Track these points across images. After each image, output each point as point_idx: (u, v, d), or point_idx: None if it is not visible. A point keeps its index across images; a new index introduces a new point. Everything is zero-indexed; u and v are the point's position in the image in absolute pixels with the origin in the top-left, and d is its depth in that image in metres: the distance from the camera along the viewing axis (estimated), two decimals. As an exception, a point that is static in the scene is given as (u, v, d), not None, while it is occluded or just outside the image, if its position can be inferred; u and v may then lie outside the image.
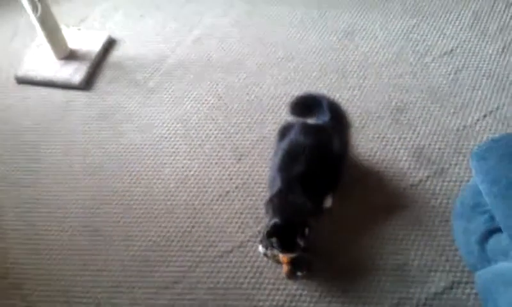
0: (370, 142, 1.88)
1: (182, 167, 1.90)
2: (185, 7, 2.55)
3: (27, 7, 2.09)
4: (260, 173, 1.84)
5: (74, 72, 2.24)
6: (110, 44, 2.40)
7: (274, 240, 1.46)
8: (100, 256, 1.68)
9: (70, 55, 2.31)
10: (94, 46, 2.34)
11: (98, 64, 2.31)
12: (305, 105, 1.87)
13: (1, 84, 2.29)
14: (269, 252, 1.60)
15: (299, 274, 1.56)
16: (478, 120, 1.90)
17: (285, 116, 1.96)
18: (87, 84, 2.23)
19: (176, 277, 1.62)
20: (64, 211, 1.81)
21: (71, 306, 1.59)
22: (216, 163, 1.89)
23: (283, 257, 1.54)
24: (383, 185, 1.76)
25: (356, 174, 1.79)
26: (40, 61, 2.30)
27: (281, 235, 1.47)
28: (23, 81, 2.27)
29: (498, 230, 1.34)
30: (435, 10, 2.34)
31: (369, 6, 2.41)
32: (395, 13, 2.36)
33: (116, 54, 2.37)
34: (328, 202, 1.69)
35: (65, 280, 1.64)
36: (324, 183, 1.65)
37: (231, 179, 1.84)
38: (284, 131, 1.77)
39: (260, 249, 1.63)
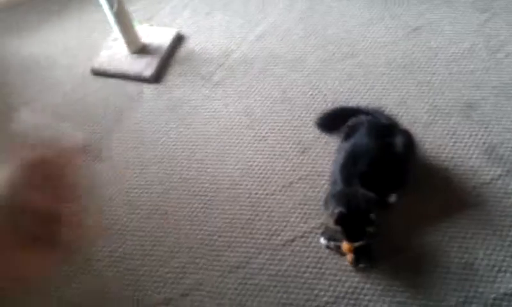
0: (439, 139, 1.84)
1: (246, 158, 1.94)
2: (250, 4, 2.61)
3: (104, 4, 2.23)
4: (323, 165, 1.85)
5: (146, 66, 2.35)
6: (179, 39, 2.50)
7: (339, 228, 1.47)
8: (169, 238, 1.76)
9: (142, 50, 2.43)
10: (164, 41, 2.45)
11: (167, 58, 2.41)
12: (335, 119, 1.90)
13: (79, 75, 2.44)
14: (331, 243, 1.61)
15: (361, 265, 1.56)
16: (555, 119, 1.81)
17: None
18: (157, 77, 2.34)
19: (240, 263, 1.66)
20: (135, 195, 1.91)
21: (140, 283, 1.67)
22: (280, 155, 1.92)
23: (346, 246, 1.55)
24: (453, 183, 1.72)
25: (424, 171, 1.76)
26: (115, 54, 2.44)
27: (347, 223, 1.47)
28: (98, 73, 2.41)
29: None
30: (507, 4, 2.25)
31: (436, 2, 2.35)
32: (464, 8, 2.29)
33: (184, 49, 2.46)
34: (392, 198, 1.68)
35: (136, 259, 1.73)
36: (387, 183, 1.65)
37: (294, 170, 1.86)
38: (349, 131, 1.78)
39: (322, 240, 1.64)
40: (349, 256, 1.56)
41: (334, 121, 1.92)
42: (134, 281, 1.68)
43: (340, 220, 1.47)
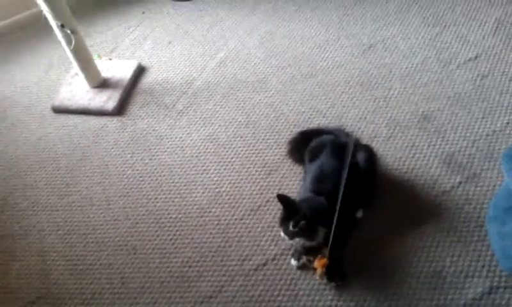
0: (399, 151, 1.89)
1: (213, 185, 1.94)
2: (210, 32, 2.65)
3: (62, 40, 2.21)
4: (289, 186, 1.86)
5: (107, 99, 2.33)
6: (140, 71, 2.50)
7: (303, 223, 1.50)
8: (139, 274, 1.73)
9: (103, 84, 2.42)
10: (125, 74, 2.45)
11: (129, 90, 2.41)
12: (303, 144, 1.91)
13: (39, 113, 2.40)
14: (304, 257, 1.63)
15: (337, 283, 1.57)
16: (508, 124, 1.88)
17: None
18: (119, 109, 2.32)
19: (212, 292, 1.64)
20: (101, 231, 1.87)
21: (111, 323, 1.63)
22: (246, 179, 1.93)
23: (317, 262, 1.57)
24: (415, 194, 1.76)
25: (387, 184, 1.80)
26: (75, 90, 2.41)
27: (286, 204, 1.55)
28: (59, 110, 2.38)
29: (535, 232, 1.33)
30: (456, 18, 2.36)
31: (389, 20, 2.45)
32: (416, 24, 2.38)
33: (146, 80, 2.46)
34: (360, 213, 1.71)
35: (106, 298, 1.68)
36: (354, 199, 1.68)
37: (261, 193, 1.87)
38: (313, 152, 1.80)
39: (293, 262, 1.65)
40: (319, 270, 1.57)
41: (303, 146, 1.91)
42: (105, 321, 1.64)
43: (279, 198, 1.55)
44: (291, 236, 1.54)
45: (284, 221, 1.55)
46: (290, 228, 1.52)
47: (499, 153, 1.79)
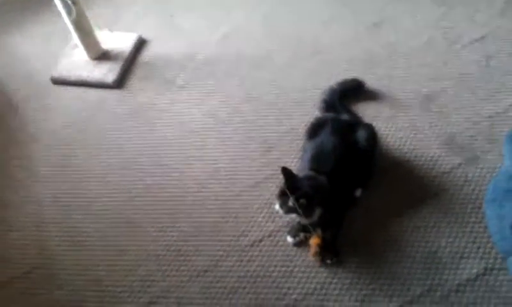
0: (400, 131, 1.87)
1: (212, 160, 1.93)
2: (213, 6, 2.61)
3: (62, 11, 2.18)
4: (289, 163, 1.84)
5: (107, 72, 2.31)
6: (141, 44, 2.47)
7: (303, 201, 1.49)
8: (135, 247, 1.73)
9: (103, 56, 2.39)
10: (126, 46, 2.42)
11: (130, 63, 2.38)
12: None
13: (38, 84, 2.38)
14: (301, 234, 1.63)
15: (328, 261, 1.57)
16: (510, 106, 1.86)
17: (312, 109, 1.97)
18: (120, 82, 2.30)
19: (208, 266, 1.64)
20: (99, 204, 1.87)
21: (106, 294, 1.64)
22: (245, 155, 1.92)
23: (312, 240, 1.57)
24: (414, 174, 1.74)
25: (386, 163, 1.78)
26: (75, 62, 2.39)
27: (289, 177, 1.54)
28: (58, 82, 2.36)
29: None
30: (464, -2, 2.31)
31: (396, -3, 2.40)
32: (422, 2, 2.34)
33: (147, 54, 2.43)
34: (358, 192, 1.70)
35: (100, 270, 1.69)
36: (353, 178, 1.68)
37: (260, 170, 1.86)
38: (313, 129, 1.78)
39: (289, 239, 1.65)
40: (313, 249, 1.58)
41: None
42: (100, 292, 1.64)
43: (284, 171, 1.53)
44: (287, 211, 1.53)
45: (283, 196, 1.53)
46: (290, 203, 1.50)
47: (501, 135, 1.76)
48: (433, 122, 1.87)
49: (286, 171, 1.53)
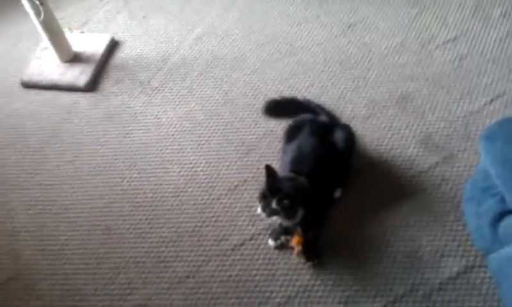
0: (376, 132, 1.89)
1: (190, 164, 1.90)
2: (186, 6, 2.57)
3: (30, 12, 2.11)
4: (268, 166, 1.84)
5: (79, 74, 2.25)
6: (113, 46, 2.41)
7: (286, 202, 1.47)
8: (114, 254, 1.69)
9: (75, 58, 2.32)
10: (98, 48, 2.36)
11: (102, 65, 2.32)
12: (284, 107, 1.92)
13: (7, 88, 2.30)
14: (282, 237, 1.62)
15: (311, 262, 1.57)
16: (485, 105, 1.90)
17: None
18: (92, 85, 2.24)
19: (189, 272, 1.62)
20: (74, 211, 1.82)
21: (85, 304, 1.59)
22: (224, 158, 1.90)
23: (294, 240, 1.57)
24: (392, 174, 1.76)
25: (364, 164, 1.79)
26: (45, 65, 2.31)
27: (271, 176, 1.53)
28: (28, 85, 2.28)
29: (509, 212, 1.34)
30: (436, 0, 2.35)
31: (369, -1, 2.42)
32: (395, 4, 2.36)
33: (120, 55, 2.38)
34: (338, 192, 1.70)
35: (79, 279, 1.64)
36: (331, 179, 1.68)
37: (239, 173, 1.84)
38: (291, 131, 1.78)
39: (270, 242, 1.64)
40: (296, 249, 1.57)
41: (281, 109, 1.92)
42: (79, 301, 1.60)
43: (268, 169, 1.52)
44: (270, 213, 1.51)
45: (264, 198, 1.51)
46: (273, 205, 1.48)
47: (476, 133, 1.80)
48: (409, 122, 1.90)
49: (270, 170, 1.52)
